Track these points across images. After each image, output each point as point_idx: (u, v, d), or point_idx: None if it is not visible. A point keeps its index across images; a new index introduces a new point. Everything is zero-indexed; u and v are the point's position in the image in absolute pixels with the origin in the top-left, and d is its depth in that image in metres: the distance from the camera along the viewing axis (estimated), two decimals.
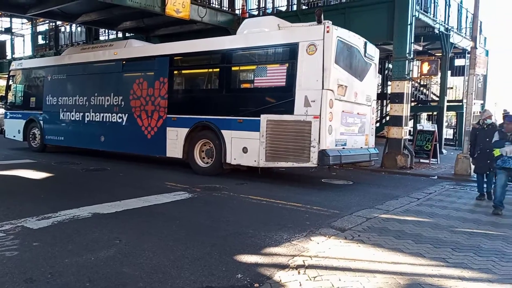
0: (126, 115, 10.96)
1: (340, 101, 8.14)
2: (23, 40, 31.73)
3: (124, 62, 11.11)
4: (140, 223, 5.34)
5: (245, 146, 8.65)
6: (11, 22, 30.86)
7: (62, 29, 26.28)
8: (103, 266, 3.79)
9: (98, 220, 5.35)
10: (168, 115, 10.02)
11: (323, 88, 7.71)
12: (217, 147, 9.15)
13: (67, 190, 7.56)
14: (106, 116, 11.48)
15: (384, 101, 23.45)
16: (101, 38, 23.09)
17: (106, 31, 22.44)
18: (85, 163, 11.08)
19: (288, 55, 8.26)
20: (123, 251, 4.20)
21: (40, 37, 29.07)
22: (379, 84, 21.56)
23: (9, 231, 4.72)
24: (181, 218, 5.63)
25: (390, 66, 18.47)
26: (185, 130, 9.61)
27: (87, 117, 11.99)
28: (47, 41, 27.42)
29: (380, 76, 21.38)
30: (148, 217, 5.63)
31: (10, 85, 14.73)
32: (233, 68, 9.17)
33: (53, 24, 25.96)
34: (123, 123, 11.04)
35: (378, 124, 24.14)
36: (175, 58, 10.19)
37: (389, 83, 21.22)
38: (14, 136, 14.50)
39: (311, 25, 8.16)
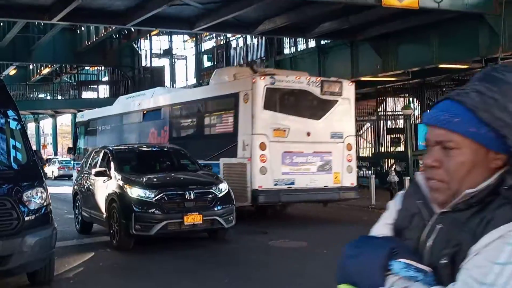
0: None
1: (279, 143, 11.52)
2: (186, 64, 33.23)
3: (144, 112, 16.60)
4: None
5: None
6: (170, 42, 32.26)
7: (233, 44, 27.81)
8: None
9: None
10: None
11: (252, 133, 11.35)
12: None
13: (254, 272, 7.74)
14: None
15: None
16: (285, 51, 22.74)
17: (293, 40, 22.13)
18: (272, 231, 11.17)
19: (233, 104, 12.20)
20: None
21: (205, 57, 30.52)
22: None
23: None
24: None
25: None
26: None
27: None
28: (214, 62, 28.65)
29: None
30: None
31: (76, 136, 21.56)
32: (203, 116, 14.18)
33: (224, 37, 27.09)
34: None
35: None
36: (172, 107, 15.28)
37: None
38: None
39: (248, 77, 12.12)
